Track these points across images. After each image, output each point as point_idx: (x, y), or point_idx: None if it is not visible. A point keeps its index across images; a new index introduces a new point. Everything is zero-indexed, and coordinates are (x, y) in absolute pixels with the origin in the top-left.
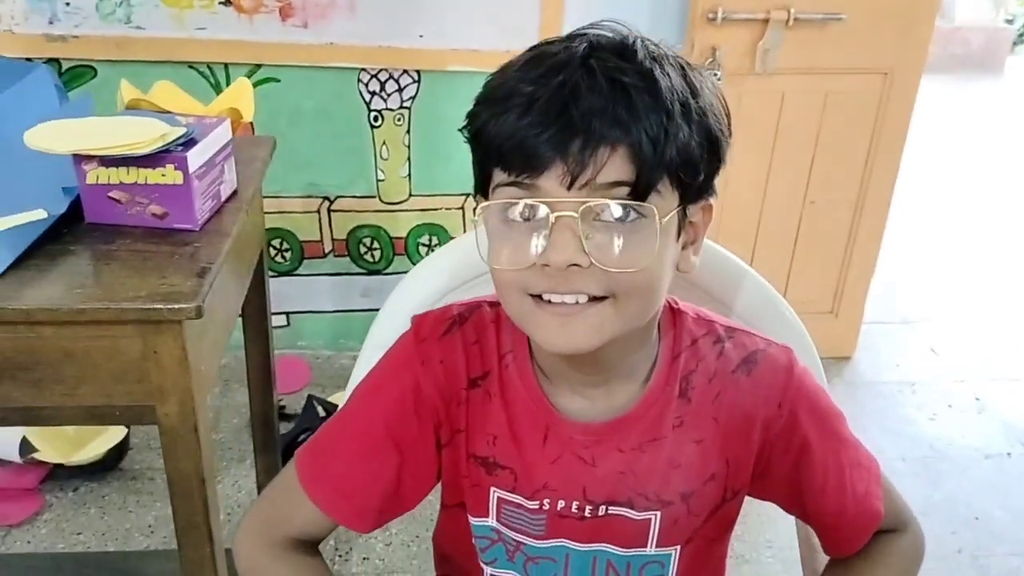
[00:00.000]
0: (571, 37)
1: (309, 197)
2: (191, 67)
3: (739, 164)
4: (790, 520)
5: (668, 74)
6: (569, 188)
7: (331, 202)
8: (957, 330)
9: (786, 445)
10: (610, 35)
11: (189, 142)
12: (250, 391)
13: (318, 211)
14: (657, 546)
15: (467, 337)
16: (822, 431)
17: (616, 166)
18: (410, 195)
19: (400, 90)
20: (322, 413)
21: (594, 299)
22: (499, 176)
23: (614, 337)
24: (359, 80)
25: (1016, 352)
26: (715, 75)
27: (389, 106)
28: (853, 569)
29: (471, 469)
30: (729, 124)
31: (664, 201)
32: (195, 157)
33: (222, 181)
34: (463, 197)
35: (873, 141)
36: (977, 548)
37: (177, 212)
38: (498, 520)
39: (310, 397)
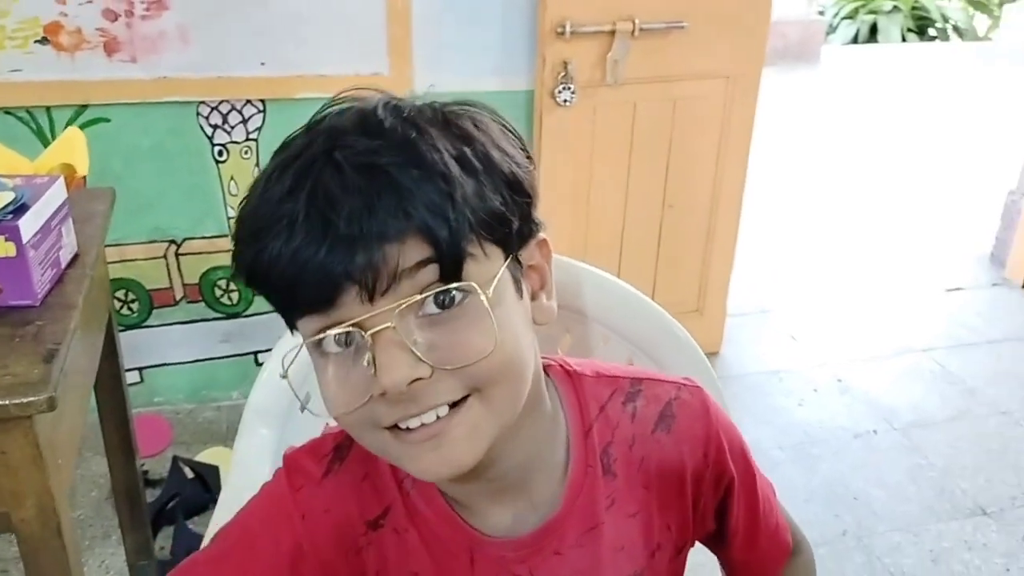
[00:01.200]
0: (310, 127)
1: (153, 242)
2: (8, 113)
3: (599, 174)
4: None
5: (428, 133)
6: (372, 301)
7: (179, 245)
8: (812, 316)
9: (715, 488)
10: (350, 109)
11: (20, 208)
12: (110, 462)
13: (165, 256)
14: None
15: (354, 473)
16: (739, 467)
17: (411, 251)
18: None
19: (245, 121)
20: (190, 475)
21: (455, 404)
22: (289, 313)
23: (496, 436)
24: (199, 114)
25: (868, 331)
26: (569, 88)
27: (234, 139)
28: None
29: None
30: (524, 148)
31: (484, 266)
32: (28, 225)
33: (61, 246)
34: None
35: (721, 142)
36: (860, 528)
37: (13, 288)
38: None
39: (175, 459)
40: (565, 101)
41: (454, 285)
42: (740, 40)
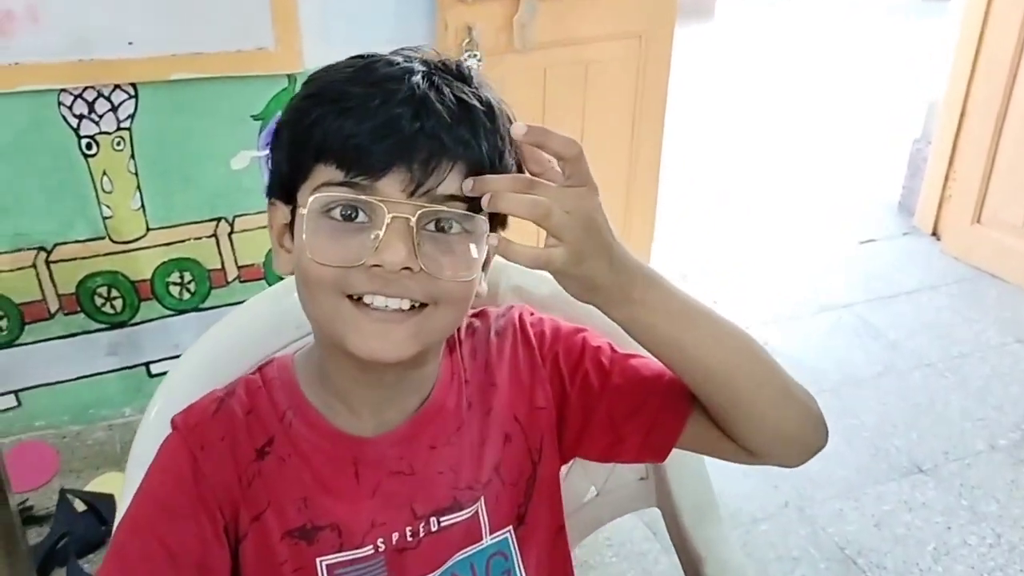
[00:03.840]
0: (395, 54)
1: (19, 251)
2: None
3: None
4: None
5: (500, 104)
6: (411, 195)
7: (48, 252)
8: (732, 279)
9: (553, 370)
10: (436, 56)
11: None
12: None
13: (34, 265)
14: (491, 533)
15: (242, 407)
16: (567, 343)
17: (454, 181)
18: (148, 230)
19: (114, 109)
20: (81, 508)
21: (413, 308)
22: (328, 174)
23: (428, 344)
24: (60, 103)
25: (789, 290)
26: (475, 56)
27: (104, 129)
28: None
29: (291, 549)
30: None
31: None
32: None
33: None
34: (214, 223)
35: (637, 105)
36: (800, 499)
37: None
38: None
39: (63, 492)
40: (470, 70)
41: (475, 216)
42: None
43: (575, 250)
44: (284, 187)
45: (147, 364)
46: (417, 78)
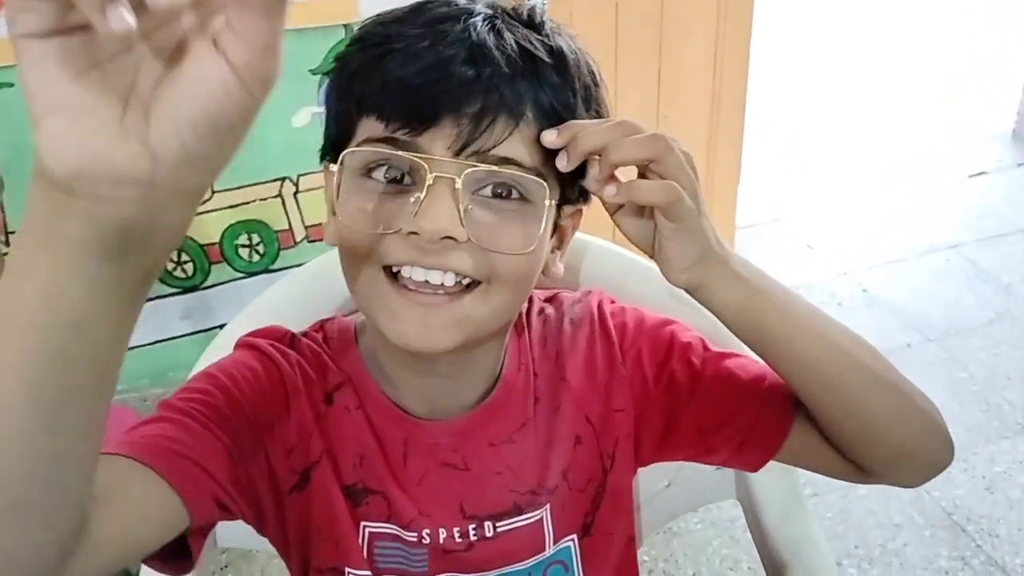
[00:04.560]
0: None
1: None
2: None
3: None
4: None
5: (576, 54)
6: (457, 154)
7: None
8: (828, 220)
9: (641, 377)
10: (507, 2)
11: None
12: None
13: None
14: (555, 542)
15: (312, 349)
16: (651, 339)
17: (514, 145)
18: (212, 192)
19: None
20: None
21: (461, 288)
22: (370, 128)
23: (476, 333)
24: None
25: (890, 232)
26: None
27: None
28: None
29: (346, 508)
30: None
31: (550, 190)
32: None
33: None
34: (279, 183)
35: (719, 37)
36: None
37: None
38: (370, 567)
39: None
40: (543, 16)
41: (536, 179)
42: None
43: (692, 200)
44: (335, 148)
45: (221, 327)
46: (476, 19)
